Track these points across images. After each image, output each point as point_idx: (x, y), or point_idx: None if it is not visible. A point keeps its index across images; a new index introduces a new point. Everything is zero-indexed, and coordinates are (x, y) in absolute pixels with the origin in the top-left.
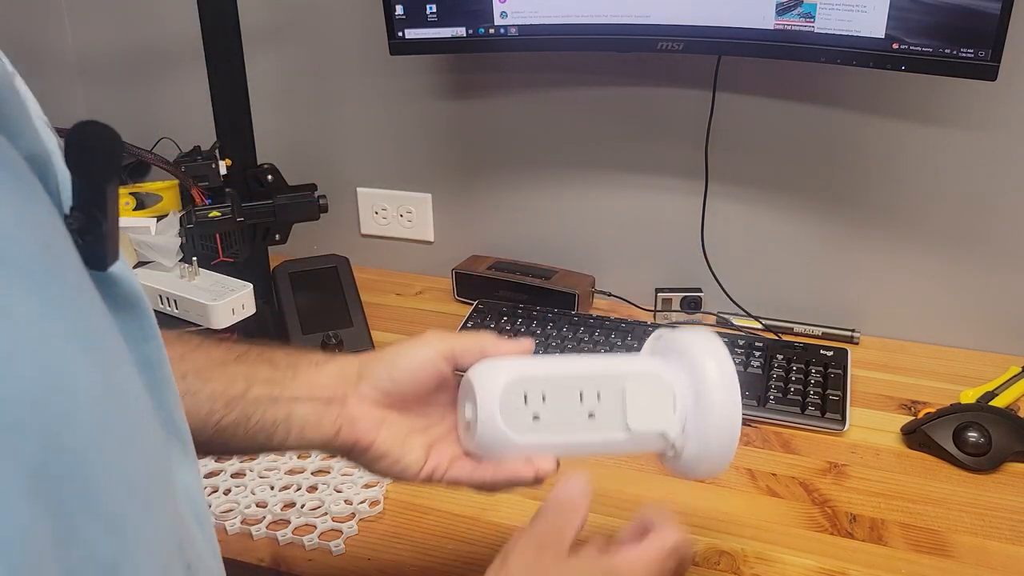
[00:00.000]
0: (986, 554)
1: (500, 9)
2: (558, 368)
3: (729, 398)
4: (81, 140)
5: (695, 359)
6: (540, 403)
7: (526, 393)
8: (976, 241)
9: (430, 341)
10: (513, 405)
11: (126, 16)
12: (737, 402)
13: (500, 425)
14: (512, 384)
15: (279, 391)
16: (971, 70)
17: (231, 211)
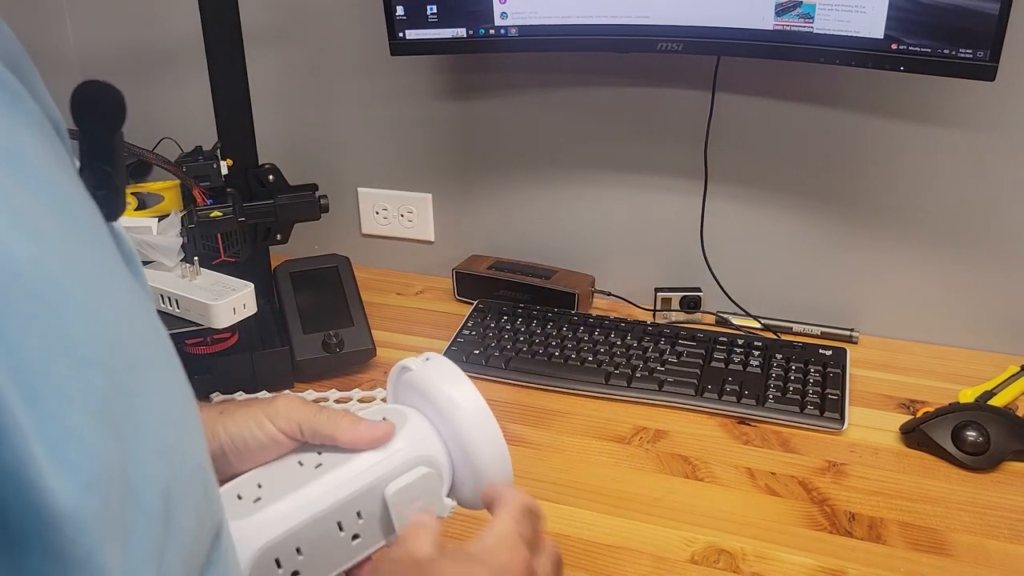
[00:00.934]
0: (984, 553)
1: (500, 10)
2: (307, 509)
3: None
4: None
5: (436, 395)
6: (296, 558)
7: (277, 558)
8: (975, 241)
9: (275, 419)
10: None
11: (127, 16)
12: (496, 432)
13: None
14: (260, 559)
15: None
16: (970, 70)
17: (232, 211)
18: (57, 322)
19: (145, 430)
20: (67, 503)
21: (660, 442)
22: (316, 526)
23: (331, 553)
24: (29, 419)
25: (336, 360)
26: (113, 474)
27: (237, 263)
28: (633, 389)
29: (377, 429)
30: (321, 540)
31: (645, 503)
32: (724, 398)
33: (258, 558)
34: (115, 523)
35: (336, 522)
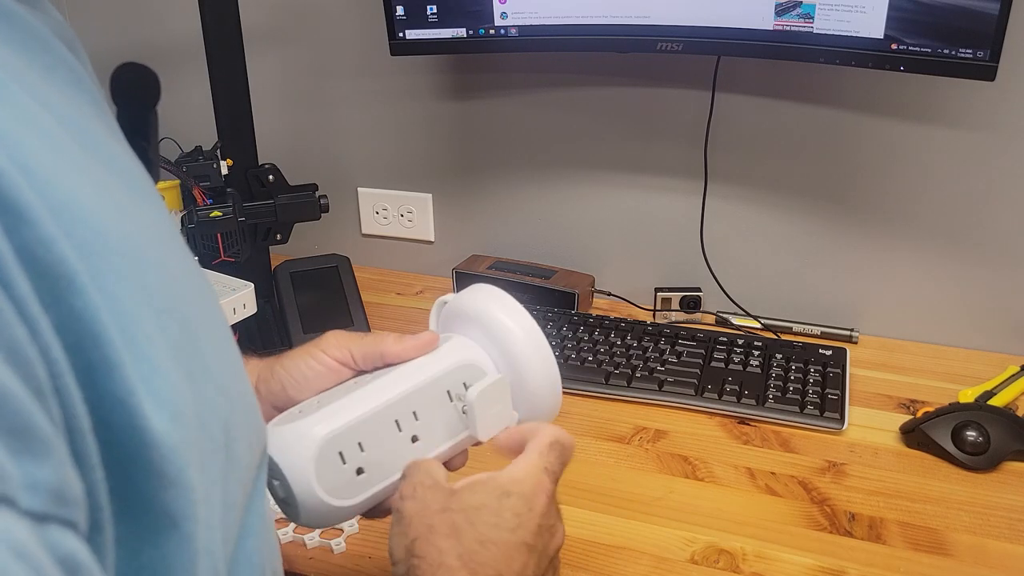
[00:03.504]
0: (984, 553)
1: (500, 10)
2: (364, 406)
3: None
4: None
5: (488, 320)
6: (359, 454)
7: (341, 452)
8: (975, 240)
9: (327, 348)
10: (332, 471)
11: (127, 16)
12: (549, 353)
13: (326, 500)
14: (324, 450)
15: None
16: (970, 70)
17: (232, 211)
18: (140, 277)
19: (209, 371)
20: (160, 429)
21: (660, 442)
22: (374, 422)
23: (393, 452)
24: (129, 358)
25: None
26: (189, 408)
27: (237, 263)
28: (633, 389)
29: (422, 338)
30: (381, 438)
31: (645, 503)
32: (724, 398)
33: (322, 448)
34: (194, 449)
35: (393, 420)
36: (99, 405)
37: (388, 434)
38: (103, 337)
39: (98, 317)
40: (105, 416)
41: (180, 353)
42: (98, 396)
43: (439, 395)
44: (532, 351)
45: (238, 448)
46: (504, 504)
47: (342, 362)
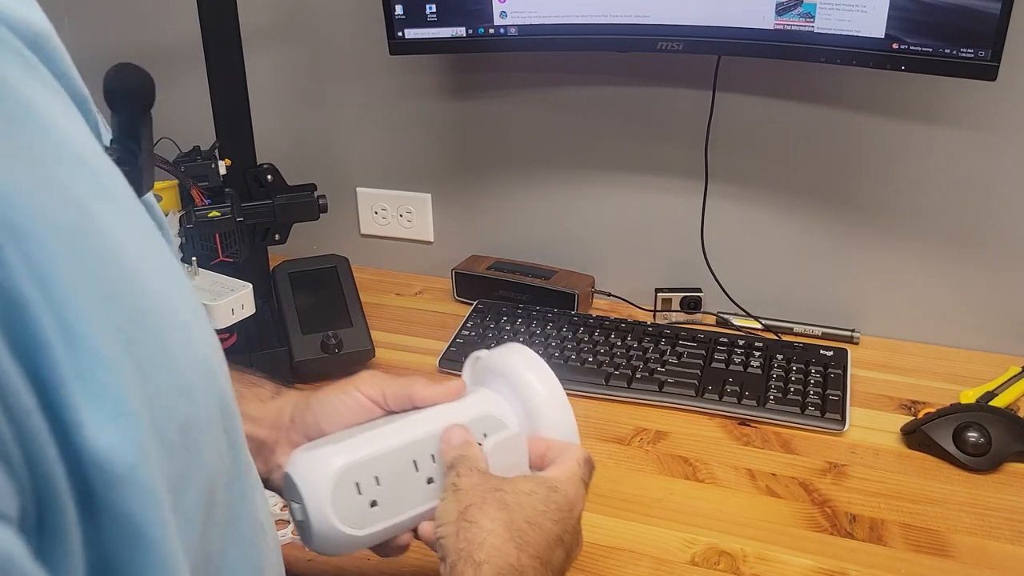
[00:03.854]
0: (986, 554)
1: (500, 9)
2: (384, 442)
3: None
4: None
5: (515, 378)
6: (375, 488)
7: (358, 483)
8: (976, 241)
9: (361, 386)
10: (347, 500)
11: (126, 16)
12: (569, 413)
13: (337, 526)
14: (342, 478)
15: None
16: (971, 70)
17: (231, 211)
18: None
19: (168, 369)
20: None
21: (660, 443)
22: (392, 459)
23: (407, 490)
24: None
25: (335, 361)
26: (137, 403)
27: (235, 263)
28: (633, 390)
29: (450, 385)
30: (398, 475)
31: (645, 504)
32: (725, 399)
33: (340, 476)
34: (144, 446)
35: (411, 460)
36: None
37: (405, 472)
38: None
39: (22, 290)
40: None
41: (132, 346)
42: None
43: None
44: (552, 410)
45: (202, 454)
46: (551, 497)
47: (374, 400)
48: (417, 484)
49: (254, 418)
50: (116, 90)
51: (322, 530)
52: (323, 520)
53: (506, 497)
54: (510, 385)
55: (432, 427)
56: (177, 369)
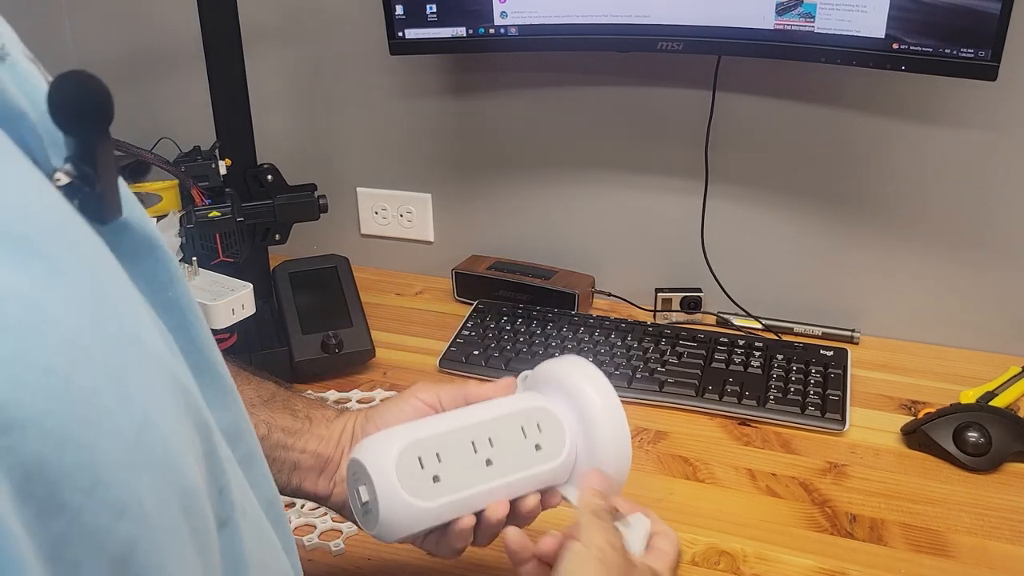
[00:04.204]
0: (986, 554)
1: (500, 9)
2: (444, 425)
3: (615, 420)
4: (63, 94)
5: (573, 387)
6: (436, 463)
7: (420, 457)
8: (976, 241)
9: (417, 394)
10: (411, 472)
11: (126, 16)
12: (623, 423)
13: (404, 496)
14: (405, 452)
15: (292, 441)
16: (971, 70)
17: (231, 211)
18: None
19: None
20: None
21: (661, 443)
22: (452, 438)
23: (468, 470)
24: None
25: (335, 361)
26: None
27: (236, 263)
28: (633, 390)
29: (501, 382)
30: (458, 454)
31: (646, 504)
32: (725, 399)
33: (403, 450)
34: None
35: (470, 440)
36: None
37: (464, 452)
38: None
39: None
40: None
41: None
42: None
43: (513, 428)
44: (606, 418)
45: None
46: None
47: (430, 405)
48: (477, 464)
49: (322, 437)
50: (64, 105)
51: (389, 504)
52: (390, 491)
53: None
54: (563, 391)
55: (486, 413)
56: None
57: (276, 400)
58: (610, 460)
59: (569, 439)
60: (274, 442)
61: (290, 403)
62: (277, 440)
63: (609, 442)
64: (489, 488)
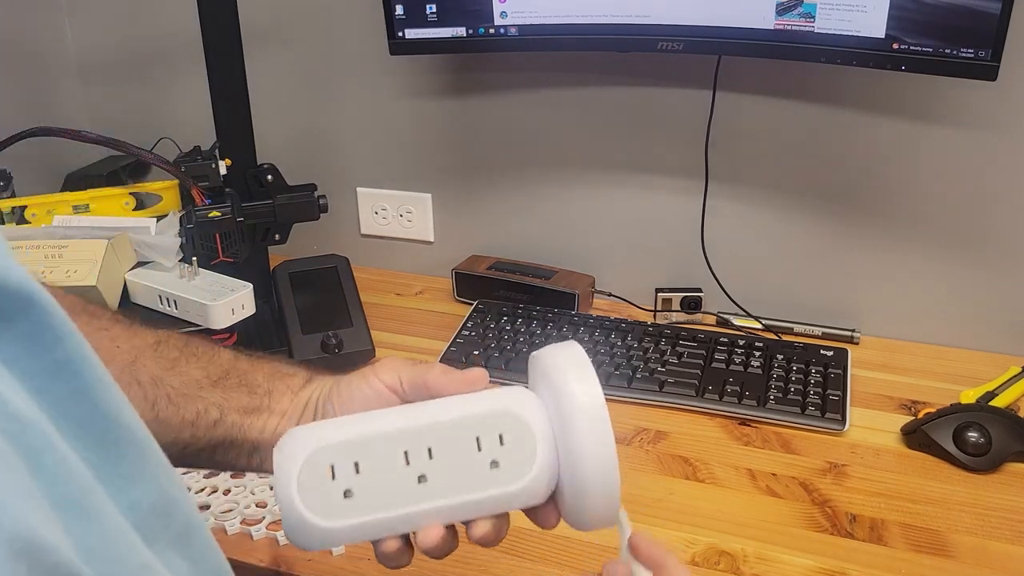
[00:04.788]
0: (986, 554)
1: (500, 9)
2: (373, 426)
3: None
4: None
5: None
6: (352, 475)
7: (332, 465)
8: (977, 241)
9: (380, 373)
10: (315, 483)
11: (126, 16)
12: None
13: (301, 511)
14: (312, 458)
15: (250, 421)
16: (971, 70)
17: (231, 211)
18: None
19: None
20: None
21: (661, 443)
22: (378, 445)
23: (392, 485)
24: None
25: (335, 361)
26: None
27: (235, 263)
28: (633, 390)
29: (468, 374)
30: (382, 465)
31: (646, 504)
32: (725, 399)
33: (310, 456)
34: None
35: (403, 450)
36: None
37: (392, 464)
38: None
39: None
40: None
41: None
42: None
43: (465, 439)
44: (585, 421)
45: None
46: None
47: (391, 387)
48: (406, 480)
49: (284, 412)
50: None
51: (287, 514)
52: (287, 502)
53: None
54: (548, 385)
55: (433, 417)
56: None
57: (230, 378)
58: (587, 476)
59: (541, 456)
60: (229, 425)
61: (247, 379)
62: (233, 422)
63: (588, 460)
64: (417, 511)
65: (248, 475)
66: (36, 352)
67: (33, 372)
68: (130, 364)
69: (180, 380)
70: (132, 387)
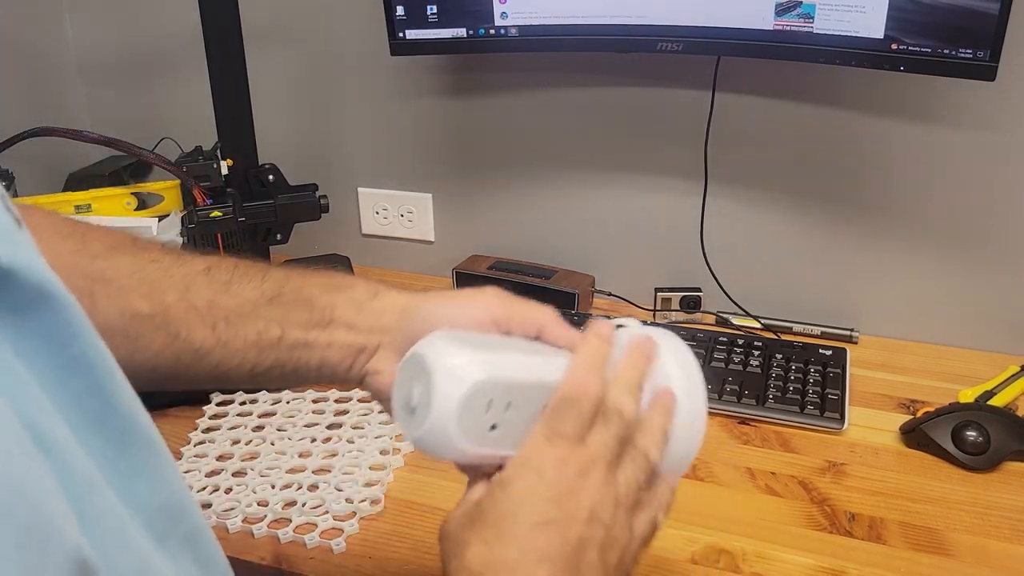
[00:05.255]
0: (985, 553)
1: (500, 10)
2: (529, 374)
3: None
4: None
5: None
6: (502, 413)
7: (491, 400)
8: (976, 240)
9: (483, 303)
10: (474, 413)
11: (127, 16)
12: (702, 402)
13: (453, 432)
14: (480, 389)
15: (314, 336)
16: (970, 70)
17: (232, 211)
18: None
19: None
20: None
21: None
22: (529, 393)
23: (524, 428)
24: None
25: None
26: None
27: None
28: None
29: (592, 336)
30: (524, 412)
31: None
32: (724, 398)
33: (478, 387)
34: None
35: (543, 403)
36: None
37: (531, 412)
38: None
39: None
40: None
41: None
42: None
43: None
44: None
45: None
46: (498, 497)
47: (498, 323)
48: (531, 426)
49: (351, 326)
50: None
51: (436, 427)
52: (444, 419)
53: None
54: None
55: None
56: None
57: (285, 294)
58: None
59: None
60: (292, 342)
61: (302, 293)
62: (295, 339)
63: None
64: None
65: (248, 474)
66: (54, 347)
67: (51, 367)
68: (184, 291)
69: (235, 301)
70: (190, 313)
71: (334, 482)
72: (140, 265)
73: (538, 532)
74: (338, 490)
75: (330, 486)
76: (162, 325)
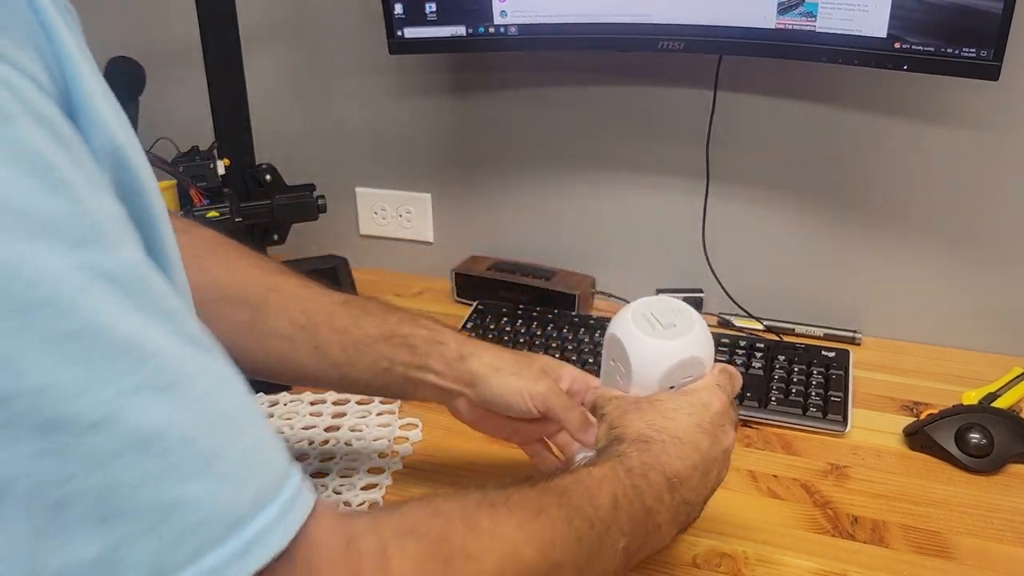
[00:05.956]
0: (988, 556)
1: (500, 8)
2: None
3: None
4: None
5: None
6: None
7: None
8: (979, 241)
9: (530, 379)
10: (648, 322)
11: (125, 15)
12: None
13: (635, 332)
14: (682, 363)
15: (413, 374)
16: (973, 70)
17: (229, 211)
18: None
19: None
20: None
21: None
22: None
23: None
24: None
25: None
26: None
27: None
28: None
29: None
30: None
31: None
32: None
33: (683, 361)
34: None
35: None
36: None
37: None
38: None
39: None
40: None
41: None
42: None
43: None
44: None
45: None
46: (682, 401)
47: (535, 400)
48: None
49: (439, 374)
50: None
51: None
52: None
53: (643, 404)
54: None
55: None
56: None
57: (395, 337)
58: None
59: None
60: (398, 375)
61: (408, 340)
62: (400, 374)
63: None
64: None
65: None
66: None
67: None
68: (328, 316)
69: (361, 333)
70: (333, 334)
71: (331, 485)
72: (300, 284)
73: (699, 432)
74: (336, 493)
75: (328, 489)
76: (312, 337)
